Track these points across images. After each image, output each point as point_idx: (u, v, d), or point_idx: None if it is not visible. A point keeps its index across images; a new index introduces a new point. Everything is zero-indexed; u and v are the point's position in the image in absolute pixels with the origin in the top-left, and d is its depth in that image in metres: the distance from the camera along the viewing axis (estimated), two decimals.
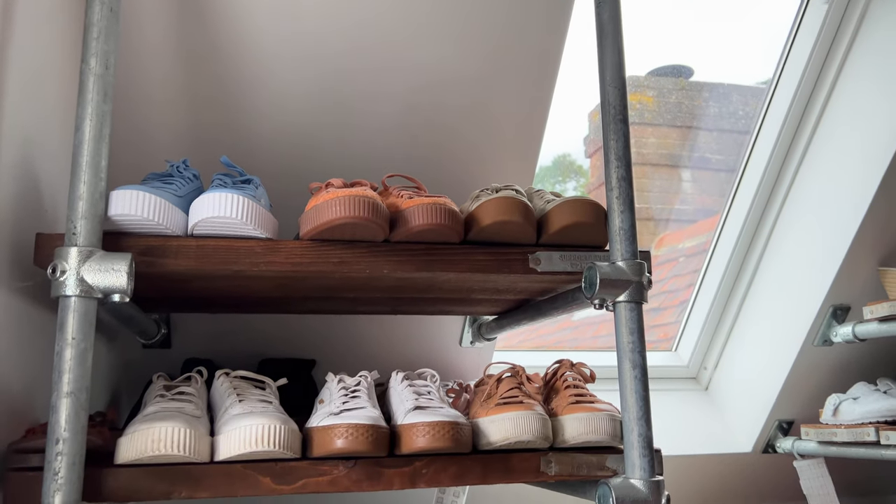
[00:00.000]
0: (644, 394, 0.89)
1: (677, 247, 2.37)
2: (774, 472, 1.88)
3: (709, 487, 1.89)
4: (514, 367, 1.01)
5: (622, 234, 0.93)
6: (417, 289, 1.08)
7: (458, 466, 0.89)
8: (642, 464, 0.87)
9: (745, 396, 1.87)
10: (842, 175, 1.63)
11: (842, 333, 1.65)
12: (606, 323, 2.35)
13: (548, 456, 0.92)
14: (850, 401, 1.63)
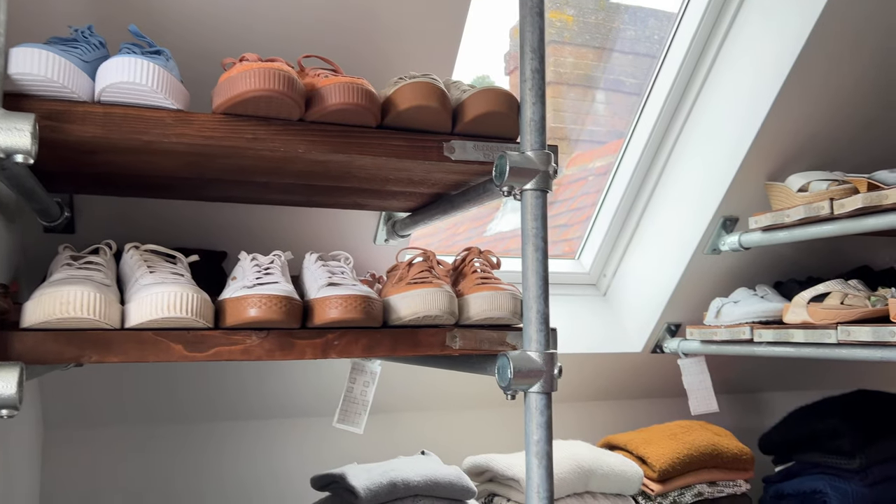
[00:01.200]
0: (544, 275, 0.95)
1: (588, 166, 2.46)
2: (661, 371, 2.05)
3: (604, 383, 2.04)
4: (425, 252, 1.06)
5: (533, 124, 0.97)
6: (332, 176, 1.09)
7: (369, 339, 0.94)
8: (539, 338, 0.94)
9: (639, 301, 2.01)
10: (737, 98, 1.72)
11: (729, 242, 1.78)
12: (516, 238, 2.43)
13: (453, 331, 0.98)
14: (731, 304, 1.78)
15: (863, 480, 1.74)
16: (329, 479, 1.45)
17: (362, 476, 1.38)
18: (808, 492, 1.79)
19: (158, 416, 1.59)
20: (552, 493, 0.92)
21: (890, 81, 1.70)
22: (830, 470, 1.79)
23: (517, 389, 0.93)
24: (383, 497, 1.35)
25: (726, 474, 1.70)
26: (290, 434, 1.72)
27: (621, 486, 1.56)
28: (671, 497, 1.64)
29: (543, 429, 0.93)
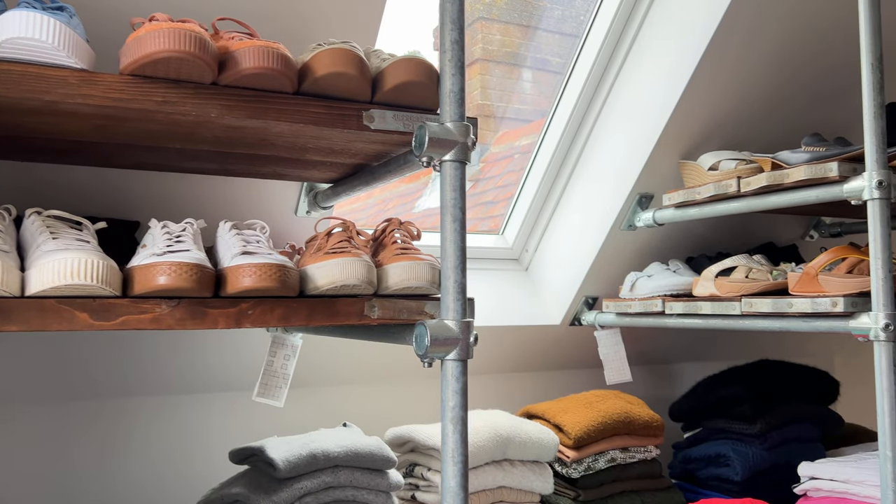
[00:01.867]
0: (462, 245, 0.96)
1: (514, 144, 2.49)
2: (579, 342, 2.11)
3: (525, 355, 2.09)
4: (344, 222, 1.05)
5: (452, 96, 0.97)
6: (249, 143, 1.07)
7: (285, 309, 0.93)
8: (456, 307, 0.95)
9: (559, 275, 2.06)
10: (654, 79, 1.78)
11: (644, 218, 1.85)
12: None
13: (371, 301, 0.99)
14: (644, 278, 1.85)
15: (762, 444, 1.85)
16: (248, 452, 1.44)
17: (282, 448, 1.38)
18: (713, 455, 1.90)
19: (69, 392, 1.54)
20: (466, 457, 0.95)
21: (795, 67, 1.79)
22: (734, 435, 1.90)
23: (434, 357, 0.95)
24: (303, 468, 1.35)
25: (638, 440, 1.77)
26: (209, 409, 1.69)
27: (538, 453, 1.61)
28: (585, 463, 1.71)
29: (459, 395, 0.95)
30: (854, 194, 1.35)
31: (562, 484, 1.73)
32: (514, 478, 1.58)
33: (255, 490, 1.34)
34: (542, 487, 1.61)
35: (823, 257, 1.45)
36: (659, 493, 1.77)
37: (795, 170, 1.44)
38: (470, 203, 2.52)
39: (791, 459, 1.81)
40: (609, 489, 1.72)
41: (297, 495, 1.34)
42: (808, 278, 1.45)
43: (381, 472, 1.44)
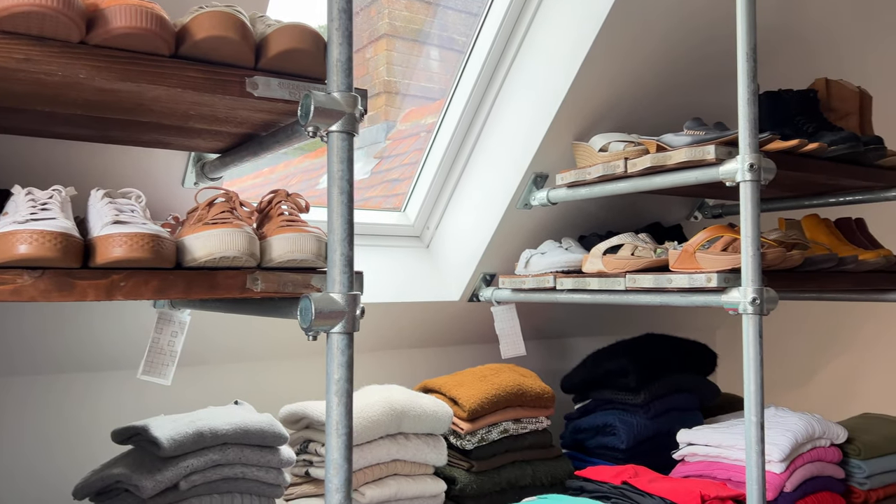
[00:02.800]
0: (349, 218, 0.95)
1: (420, 122, 2.48)
2: (477, 318, 2.15)
3: (425, 331, 2.11)
4: (227, 193, 1.02)
5: (339, 65, 0.96)
6: (125, 108, 1.02)
7: (160, 281, 0.90)
8: (342, 280, 0.95)
9: (458, 253, 2.09)
10: (550, 61, 1.81)
11: (539, 197, 1.89)
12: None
13: (254, 274, 0.97)
14: (538, 255, 1.90)
15: (646, 413, 1.95)
16: (131, 431, 1.39)
17: (167, 427, 1.34)
18: (600, 425, 1.98)
19: None
20: (351, 430, 0.95)
21: (682, 55, 1.87)
22: (620, 405, 1.99)
23: (318, 330, 0.94)
24: (189, 447, 1.32)
25: (530, 412, 1.83)
26: (98, 388, 1.61)
27: (432, 426, 1.63)
28: (479, 434, 1.75)
29: (344, 368, 0.95)
30: (728, 176, 1.43)
31: (456, 455, 1.76)
32: (408, 451, 1.60)
33: (137, 469, 1.30)
34: (436, 459, 1.63)
35: (700, 236, 1.53)
36: (549, 463, 1.83)
37: (677, 152, 1.51)
38: (375, 180, 2.50)
39: (672, 427, 1.92)
40: (501, 459, 1.77)
41: (183, 473, 1.30)
42: (686, 256, 1.53)
43: (272, 448, 1.42)
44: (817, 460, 1.72)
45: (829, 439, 1.75)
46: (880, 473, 1.81)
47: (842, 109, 1.79)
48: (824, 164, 1.63)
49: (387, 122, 2.53)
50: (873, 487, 1.79)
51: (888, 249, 1.82)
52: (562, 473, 1.82)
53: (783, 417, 1.78)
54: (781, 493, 1.65)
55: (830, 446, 1.76)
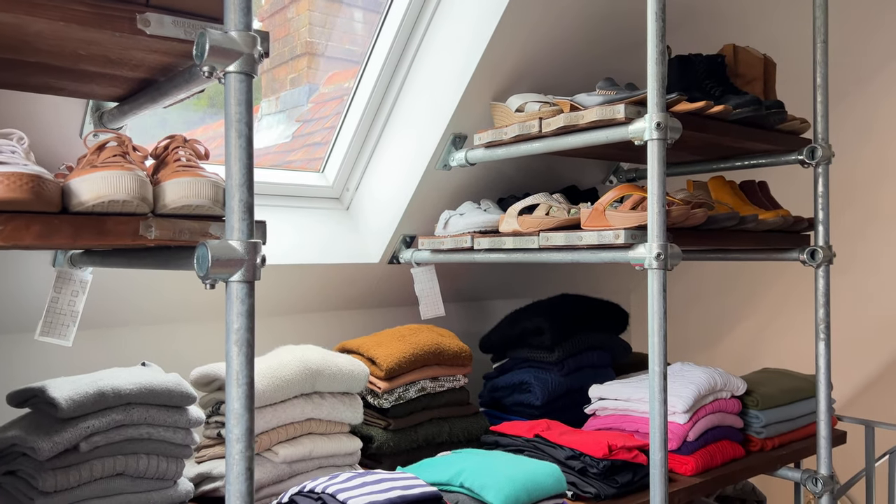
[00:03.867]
0: (248, 162, 0.93)
1: (343, 85, 2.43)
2: (397, 280, 2.15)
3: (344, 293, 2.09)
4: (119, 136, 0.97)
5: (236, 3, 0.92)
6: (7, 46, 0.95)
7: (44, 226, 0.85)
8: (241, 227, 0.92)
9: (378, 215, 2.07)
10: (466, 21, 1.80)
11: (457, 158, 1.90)
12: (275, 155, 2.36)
13: (148, 220, 0.93)
14: (457, 216, 1.90)
15: (560, 371, 2.00)
16: (28, 393, 1.33)
17: (66, 387, 1.28)
18: (517, 383, 2.02)
19: None
20: (252, 379, 0.93)
21: (598, 18, 1.89)
22: (535, 363, 2.04)
23: (216, 279, 0.91)
24: (89, 407, 1.27)
25: (447, 370, 1.85)
26: None
27: (348, 385, 1.63)
28: (396, 393, 1.76)
29: (244, 317, 0.93)
30: (637, 135, 1.46)
31: (373, 414, 1.77)
32: (323, 410, 1.59)
33: (33, 432, 1.25)
34: (352, 418, 1.63)
35: (610, 195, 1.57)
36: (465, 420, 1.86)
37: (588, 111, 1.54)
38: (297, 144, 2.45)
39: (585, 384, 1.98)
40: (418, 417, 1.79)
41: (83, 434, 1.26)
42: (596, 214, 1.56)
43: (179, 408, 1.39)
44: (718, 411, 1.81)
45: (730, 391, 1.85)
46: (776, 423, 1.92)
47: (748, 75, 1.85)
48: (729, 127, 1.69)
49: (309, 84, 2.48)
50: (769, 436, 1.90)
51: (786, 210, 1.91)
52: (478, 430, 1.85)
53: (688, 371, 1.86)
54: (684, 443, 1.72)
55: (731, 398, 1.85)
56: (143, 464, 1.33)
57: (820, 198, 1.81)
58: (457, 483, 1.44)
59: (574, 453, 1.60)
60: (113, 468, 1.30)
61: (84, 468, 1.27)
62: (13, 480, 1.29)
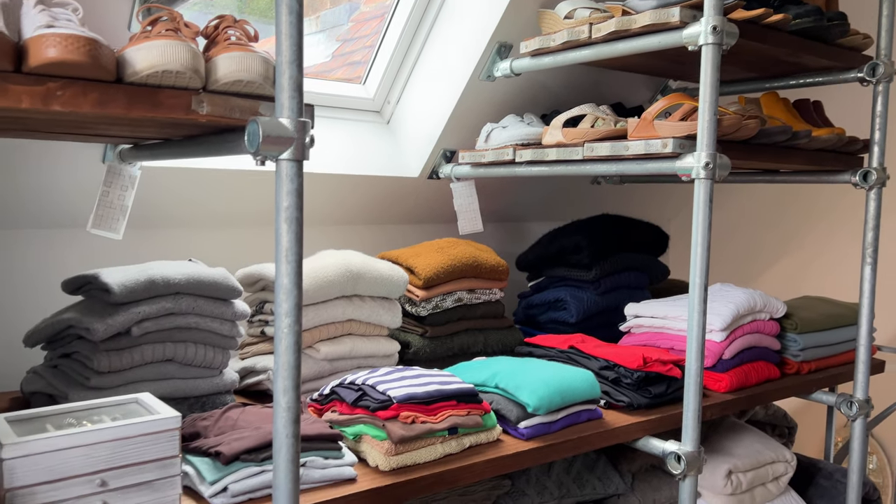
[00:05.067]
0: (298, 39, 0.92)
1: (384, 3, 2.38)
2: (435, 196, 2.15)
3: (383, 206, 2.10)
4: (171, 12, 0.97)
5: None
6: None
7: (101, 93, 0.86)
8: (291, 105, 0.92)
9: (418, 128, 2.06)
10: None
11: (502, 68, 1.86)
12: None
13: (199, 96, 0.94)
14: (499, 129, 1.88)
15: (596, 289, 2.01)
16: (82, 280, 1.37)
17: (118, 275, 1.33)
18: (552, 300, 2.03)
19: None
20: (300, 257, 0.95)
21: None
22: (572, 282, 2.04)
23: (266, 155, 0.92)
24: (140, 294, 1.31)
25: (484, 283, 1.86)
26: (43, 244, 1.59)
27: (388, 290, 1.65)
28: (434, 302, 1.78)
29: (293, 196, 0.94)
30: (691, 39, 1.41)
31: (410, 322, 1.80)
32: (363, 311, 1.62)
33: (88, 315, 1.30)
34: (391, 321, 1.66)
35: (659, 104, 1.53)
36: (500, 332, 1.89)
37: (642, 15, 1.49)
38: (337, 63, 2.43)
39: (620, 304, 1.98)
40: (454, 326, 1.82)
41: (134, 319, 1.30)
42: (644, 124, 1.53)
43: (226, 301, 1.42)
44: (756, 332, 1.80)
45: (769, 313, 1.83)
46: (814, 347, 1.90)
47: None
48: (787, 38, 1.62)
49: (349, 2, 2.43)
50: (806, 360, 1.89)
51: (842, 128, 1.85)
52: (512, 342, 1.88)
53: (728, 291, 1.84)
54: (720, 360, 1.73)
55: (769, 320, 1.84)
56: (190, 351, 1.38)
57: (878, 117, 1.75)
58: (492, 384, 1.46)
59: (608, 364, 1.61)
60: (162, 354, 1.35)
61: (136, 352, 1.32)
62: (69, 362, 1.35)
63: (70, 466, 0.95)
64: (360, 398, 1.31)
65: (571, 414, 1.45)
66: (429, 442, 1.26)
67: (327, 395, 1.39)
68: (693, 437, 1.43)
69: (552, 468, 1.64)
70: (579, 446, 1.41)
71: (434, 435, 1.27)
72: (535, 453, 1.35)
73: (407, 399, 1.26)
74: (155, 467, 1.02)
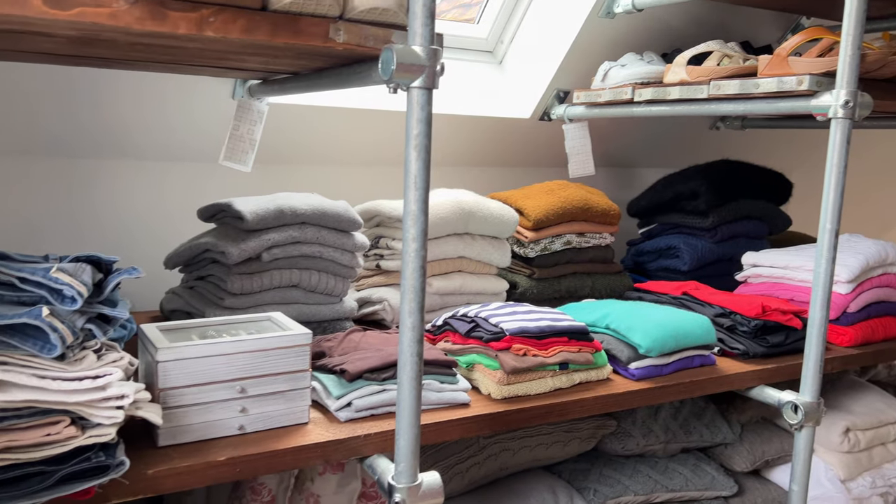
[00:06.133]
0: None
1: None
2: (547, 138, 2.13)
3: (493, 148, 2.11)
4: None
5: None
6: None
7: (248, 20, 0.91)
8: (424, 32, 0.94)
9: (532, 68, 2.03)
10: None
11: (623, 4, 1.80)
12: None
13: (337, 24, 0.96)
14: (618, 67, 1.83)
15: (712, 237, 1.95)
16: (216, 208, 1.47)
17: (249, 203, 1.41)
18: (664, 248, 1.99)
19: (37, 147, 1.52)
20: (428, 183, 0.98)
21: None
22: (686, 229, 1.99)
23: (399, 83, 0.94)
24: (270, 222, 1.39)
25: (594, 227, 1.84)
26: (176, 175, 1.70)
27: (498, 229, 1.67)
28: (542, 244, 1.78)
29: (423, 123, 0.96)
30: None
31: (518, 263, 1.81)
32: (473, 249, 1.65)
33: (223, 240, 1.39)
34: (500, 260, 1.69)
35: (795, 38, 1.44)
36: (609, 276, 1.87)
37: None
38: (447, 6, 2.41)
39: (736, 253, 1.92)
40: (562, 269, 1.82)
41: (265, 245, 1.38)
42: (777, 60, 1.45)
43: (346, 232, 1.48)
44: (886, 286, 1.71)
45: None
46: None
47: None
48: None
49: None
50: None
51: None
52: (620, 287, 1.86)
53: (857, 242, 1.75)
54: (844, 313, 1.65)
55: None
56: (314, 279, 1.45)
57: None
58: (602, 325, 1.47)
59: (724, 311, 1.57)
60: (289, 279, 1.43)
61: (265, 276, 1.41)
62: (205, 284, 1.46)
63: (214, 372, 1.04)
64: (472, 329, 1.34)
65: (684, 358, 1.43)
66: (539, 375, 1.29)
67: (440, 326, 1.43)
68: (813, 387, 1.39)
69: (659, 412, 1.64)
70: (691, 390, 1.40)
71: (545, 368, 1.29)
72: (646, 393, 1.35)
73: (519, 332, 1.29)
74: (287, 379, 1.09)
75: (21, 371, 0.83)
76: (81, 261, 0.92)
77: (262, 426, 1.07)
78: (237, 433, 1.05)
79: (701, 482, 1.59)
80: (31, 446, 0.83)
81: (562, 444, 1.54)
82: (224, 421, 1.04)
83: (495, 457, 1.49)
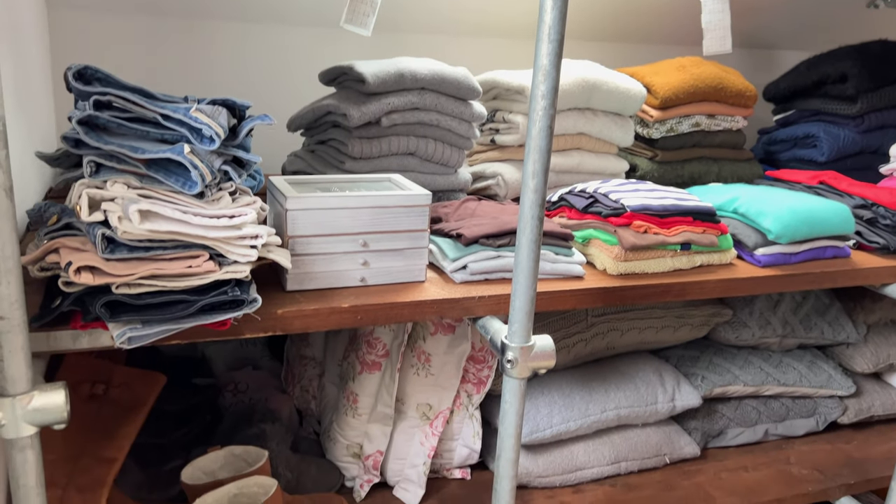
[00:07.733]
0: None
1: None
2: (681, 14, 1.97)
3: (623, 21, 1.98)
4: None
5: None
6: None
7: None
8: None
9: None
10: None
11: None
12: None
13: None
14: None
15: (857, 126, 1.78)
16: (337, 71, 1.46)
17: (371, 66, 1.39)
18: (800, 136, 1.85)
19: (162, 8, 1.56)
20: (562, 35, 0.92)
21: None
22: (827, 116, 1.82)
23: None
24: (391, 85, 1.37)
25: (727, 109, 1.72)
26: (297, 40, 1.71)
27: (623, 104, 1.59)
28: (669, 124, 1.69)
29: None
30: None
31: (640, 144, 1.73)
32: (594, 126, 1.58)
33: (344, 101, 1.39)
34: (622, 139, 1.61)
35: None
36: (738, 164, 1.76)
37: None
38: None
39: (883, 145, 1.76)
40: (688, 153, 1.72)
41: (385, 110, 1.38)
42: None
43: (465, 101, 1.45)
44: None
45: None
46: None
47: None
48: None
49: None
50: None
51: None
52: (749, 175, 1.75)
53: None
54: None
55: None
56: (430, 147, 1.45)
57: None
58: (730, 209, 1.39)
59: (865, 202, 1.46)
60: (406, 146, 1.43)
61: (384, 142, 1.41)
62: (325, 148, 1.48)
63: (339, 224, 1.07)
64: (591, 205, 1.31)
65: (816, 248, 1.35)
66: (659, 254, 1.25)
67: (555, 202, 1.41)
68: None
69: (779, 305, 1.57)
70: (820, 281, 1.32)
71: (665, 248, 1.25)
72: (771, 281, 1.29)
73: (641, 209, 1.24)
74: (407, 237, 1.11)
75: (165, 205, 0.88)
76: (217, 104, 0.94)
77: (382, 280, 1.11)
78: (359, 284, 1.09)
79: (816, 379, 1.53)
80: (174, 276, 0.90)
81: (672, 328, 1.51)
82: (347, 272, 1.08)
83: (602, 335, 1.48)
